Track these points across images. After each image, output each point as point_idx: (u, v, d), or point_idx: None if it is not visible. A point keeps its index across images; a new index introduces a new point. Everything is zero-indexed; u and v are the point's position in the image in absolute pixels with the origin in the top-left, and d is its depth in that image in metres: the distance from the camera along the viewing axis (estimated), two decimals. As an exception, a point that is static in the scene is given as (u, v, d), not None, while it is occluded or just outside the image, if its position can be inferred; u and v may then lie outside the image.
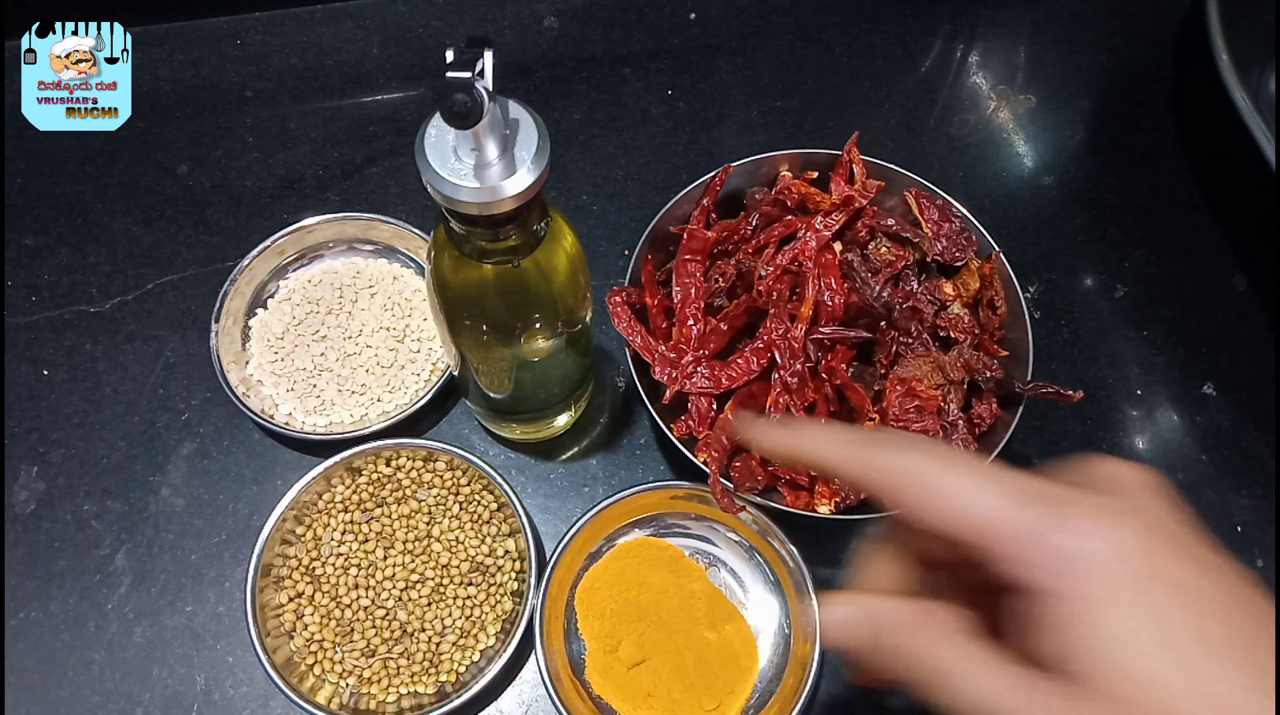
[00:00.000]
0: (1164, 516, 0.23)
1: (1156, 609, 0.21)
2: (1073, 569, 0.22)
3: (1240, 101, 0.49)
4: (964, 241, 0.48)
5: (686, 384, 0.44)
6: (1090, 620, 0.21)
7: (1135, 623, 0.21)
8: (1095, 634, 0.21)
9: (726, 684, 0.43)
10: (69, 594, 0.46)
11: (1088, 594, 0.21)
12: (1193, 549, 0.22)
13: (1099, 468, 0.24)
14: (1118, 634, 0.21)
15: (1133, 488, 0.24)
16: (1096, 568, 0.21)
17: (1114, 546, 0.22)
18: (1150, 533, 0.22)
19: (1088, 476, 0.24)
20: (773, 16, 0.64)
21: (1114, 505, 0.23)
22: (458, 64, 0.26)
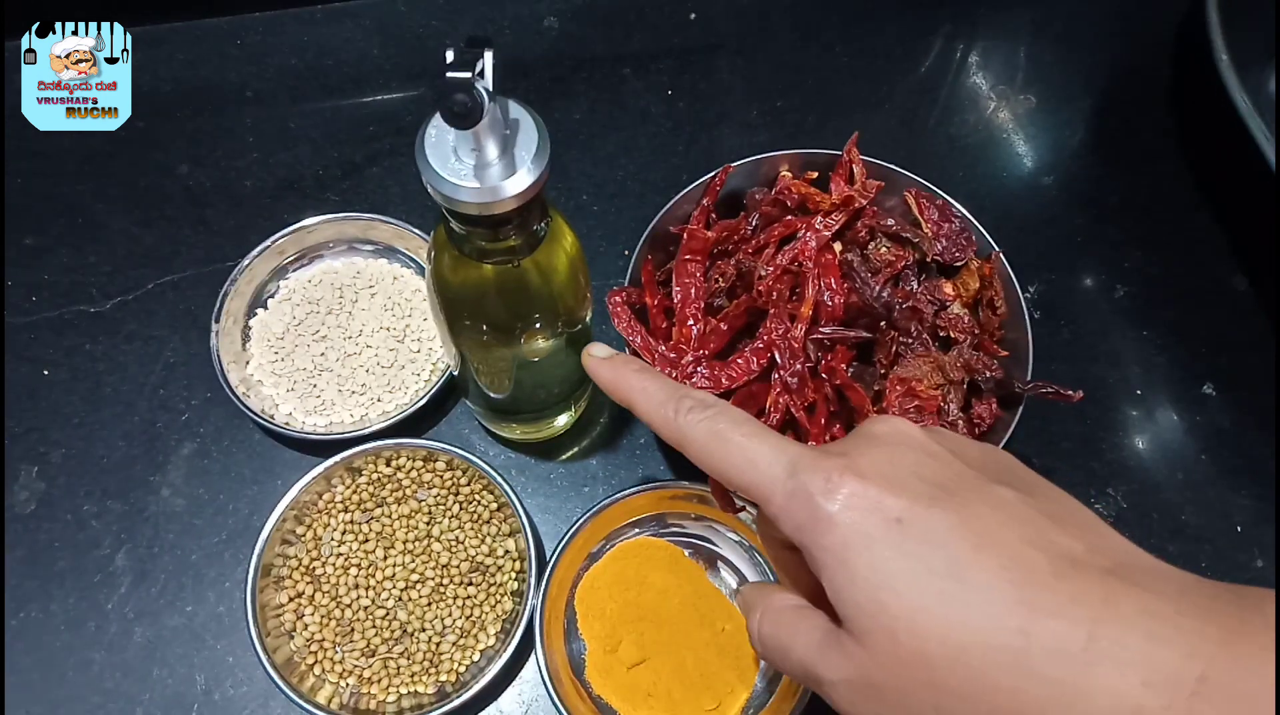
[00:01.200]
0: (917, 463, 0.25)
1: (899, 548, 0.23)
2: (830, 525, 0.24)
3: (1240, 101, 0.49)
4: (964, 241, 0.48)
5: (687, 384, 0.44)
6: (846, 567, 0.24)
7: (879, 565, 0.24)
8: (852, 578, 0.24)
9: (726, 684, 0.43)
10: (69, 594, 0.46)
11: (842, 543, 0.24)
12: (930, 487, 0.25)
13: (866, 427, 0.27)
14: (868, 575, 0.24)
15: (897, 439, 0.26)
16: (848, 521, 0.24)
17: (857, 506, 0.24)
18: (896, 481, 0.24)
19: (858, 436, 0.27)
20: (773, 16, 0.64)
21: (867, 463, 0.25)
22: (458, 64, 0.26)
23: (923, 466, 0.25)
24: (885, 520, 0.24)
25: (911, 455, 0.26)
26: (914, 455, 0.26)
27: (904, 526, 0.24)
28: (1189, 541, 0.48)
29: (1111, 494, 0.49)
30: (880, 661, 0.24)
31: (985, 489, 0.25)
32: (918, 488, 0.24)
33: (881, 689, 0.24)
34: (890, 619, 0.23)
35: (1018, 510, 0.24)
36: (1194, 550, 0.48)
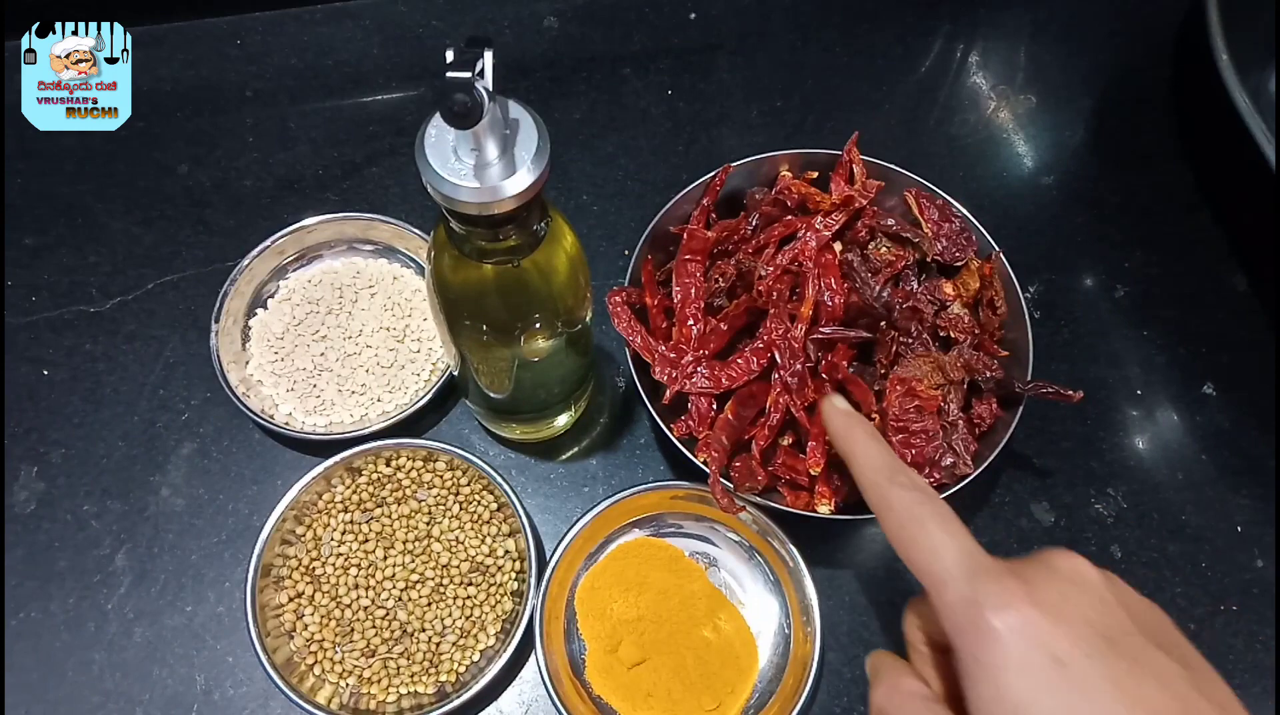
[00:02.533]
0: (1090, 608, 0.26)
1: (1054, 688, 0.24)
2: (993, 642, 0.25)
3: (1240, 101, 0.49)
4: (964, 241, 0.48)
5: (686, 384, 0.44)
6: (996, 687, 0.25)
7: (1032, 695, 0.24)
8: (999, 699, 0.25)
9: (726, 684, 0.43)
10: (69, 594, 0.46)
11: (999, 664, 0.25)
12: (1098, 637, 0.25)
13: (1055, 559, 0.28)
14: (1016, 703, 0.25)
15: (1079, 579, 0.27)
16: (1011, 645, 0.25)
17: (1025, 634, 0.25)
18: (1067, 620, 0.25)
19: (1045, 565, 0.28)
20: (773, 16, 0.64)
21: (1044, 594, 0.26)
22: (458, 64, 0.26)
23: (1094, 614, 0.26)
24: (1047, 656, 0.25)
25: (1086, 600, 0.26)
26: (1089, 600, 0.26)
27: (1064, 669, 0.24)
28: (1189, 541, 0.48)
29: (1111, 494, 0.49)
30: None
31: (1148, 653, 0.25)
32: (1086, 634, 0.25)
33: None
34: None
35: (1174, 683, 0.25)
36: (1194, 550, 0.48)
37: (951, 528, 0.29)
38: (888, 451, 0.32)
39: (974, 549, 0.28)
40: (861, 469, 0.32)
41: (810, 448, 0.42)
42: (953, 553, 0.28)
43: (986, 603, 0.26)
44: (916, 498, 0.30)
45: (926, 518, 0.29)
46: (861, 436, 0.33)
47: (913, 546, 0.29)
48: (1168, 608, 0.27)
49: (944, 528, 0.29)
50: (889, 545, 0.49)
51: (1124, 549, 0.48)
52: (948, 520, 0.29)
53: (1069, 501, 0.49)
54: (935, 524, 0.29)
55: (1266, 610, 0.47)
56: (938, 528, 0.29)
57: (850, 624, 0.46)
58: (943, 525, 0.29)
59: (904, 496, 0.30)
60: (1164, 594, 0.47)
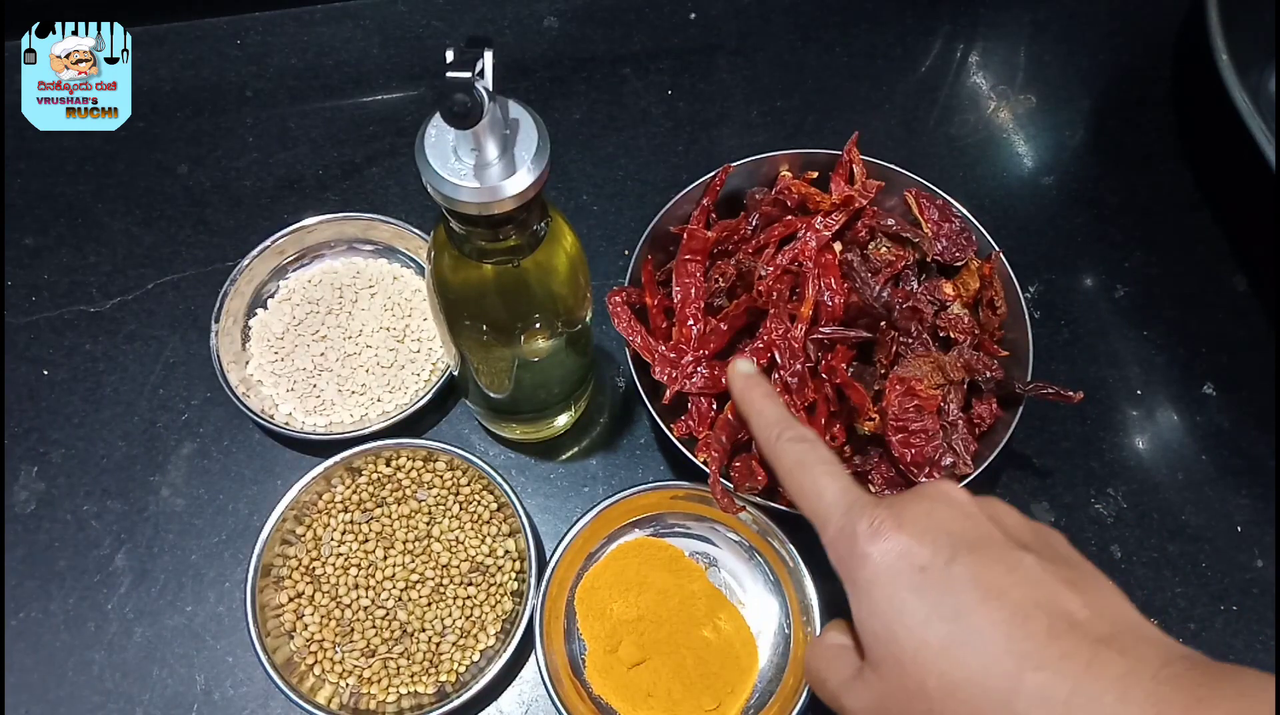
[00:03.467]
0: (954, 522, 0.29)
1: (917, 591, 0.27)
2: (863, 562, 0.28)
3: (1240, 101, 0.49)
4: (964, 241, 0.48)
5: (686, 384, 0.44)
6: (870, 600, 0.28)
7: (898, 604, 0.27)
8: (873, 611, 0.28)
9: (726, 684, 0.43)
10: (69, 594, 0.46)
11: (871, 579, 0.28)
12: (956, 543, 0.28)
13: (924, 487, 0.31)
14: (886, 609, 0.27)
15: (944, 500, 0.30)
16: (879, 562, 0.28)
17: (890, 551, 0.28)
18: (931, 535, 0.28)
19: (913, 493, 0.30)
20: (773, 16, 0.64)
21: (909, 516, 0.29)
22: (458, 64, 0.26)
23: (955, 524, 0.29)
24: (911, 566, 0.27)
25: (949, 513, 0.29)
26: (951, 514, 0.29)
27: (925, 573, 0.27)
28: (1189, 541, 0.48)
29: (1111, 494, 0.49)
30: (890, 689, 0.27)
31: (1007, 551, 0.28)
32: (945, 543, 0.28)
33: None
34: (899, 650, 0.27)
35: (1032, 572, 0.27)
36: (1194, 550, 0.48)
37: (833, 471, 0.32)
38: (781, 409, 0.35)
39: (850, 487, 0.31)
40: (756, 426, 0.35)
41: (810, 448, 0.42)
42: (832, 493, 0.31)
43: (859, 532, 0.29)
44: (803, 448, 0.33)
45: (811, 464, 0.32)
46: (758, 396, 0.36)
47: (799, 492, 0.32)
48: (1168, 608, 0.27)
49: (826, 471, 0.32)
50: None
51: (1124, 549, 0.48)
52: (830, 465, 0.32)
53: (1069, 501, 0.49)
54: (820, 469, 0.32)
55: (1266, 610, 0.47)
56: (821, 473, 0.32)
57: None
58: (825, 470, 0.32)
59: (791, 447, 0.33)
60: (1164, 594, 0.47)
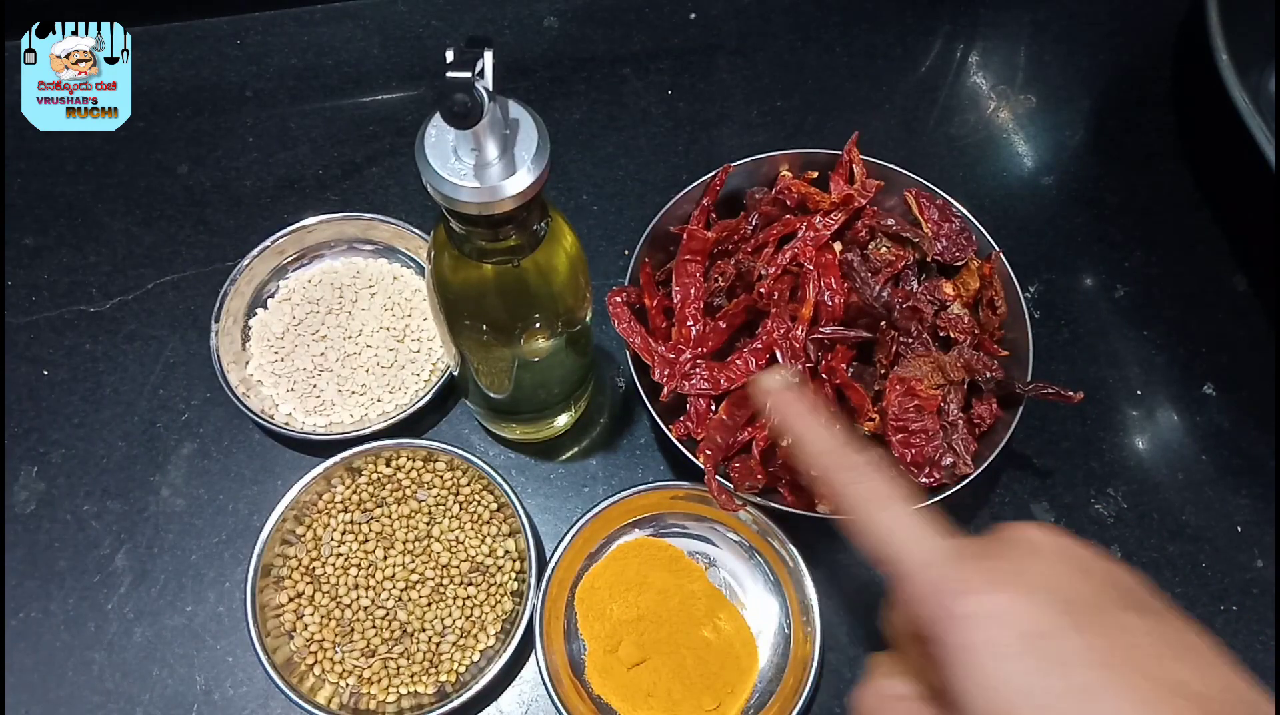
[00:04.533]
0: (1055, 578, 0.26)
1: (1034, 665, 0.24)
2: (965, 627, 0.25)
3: (1240, 101, 0.49)
4: (964, 241, 0.48)
5: (685, 384, 0.44)
6: (976, 673, 0.24)
7: (1015, 679, 0.24)
8: (981, 686, 0.24)
9: (726, 684, 0.43)
10: (69, 594, 0.46)
11: (975, 648, 0.25)
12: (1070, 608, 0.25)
13: (1013, 532, 0.27)
14: (999, 687, 0.24)
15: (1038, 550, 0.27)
16: (984, 628, 0.25)
17: (993, 616, 0.25)
18: (1034, 595, 0.25)
19: (1004, 541, 0.27)
20: (773, 16, 0.64)
21: (1003, 572, 0.26)
22: (458, 64, 0.26)
23: (1051, 582, 0.26)
24: (1022, 635, 0.24)
25: (1045, 570, 0.26)
26: (1048, 570, 0.26)
27: (1041, 644, 0.24)
28: (1189, 541, 0.48)
29: (1111, 494, 0.49)
30: None
31: (1110, 616, 0.25)
32: (1046, 605, 0.25)
33: None
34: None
35: (1141, 641, 0.25)
36: (1194, 550, 0.48)
37: (904, 516, 0.28)
38: (826, 432, 0.31)
39: (929, 534, 0.28)
40: (810, 452, 0.31)
41: (810, 448, 0.42)
42: (914, 539, 0.28)
43: (950, 589, 0.26)
44: (876, 480, 0.29)
45: (887, 501, 0.29)
46: (794, 417, 0.32)
47: (874, 531, 0.29)
48: (1168, 608, 0.27)
49: (896, 517, 0.28)
50: (889, 545, 0.49)
51: (1124, 549, 0.48)
52: (899, 507, 0.29)
53: (1069, 501, 0.49)
54: (895, 508, 0.29)
55: (1266, 610, 0.47)
56: (898, 512, 0.28)
57: (850, 624, 0.46)
58: (892, 511, 0.29)
59: (860, 479, 0.30)
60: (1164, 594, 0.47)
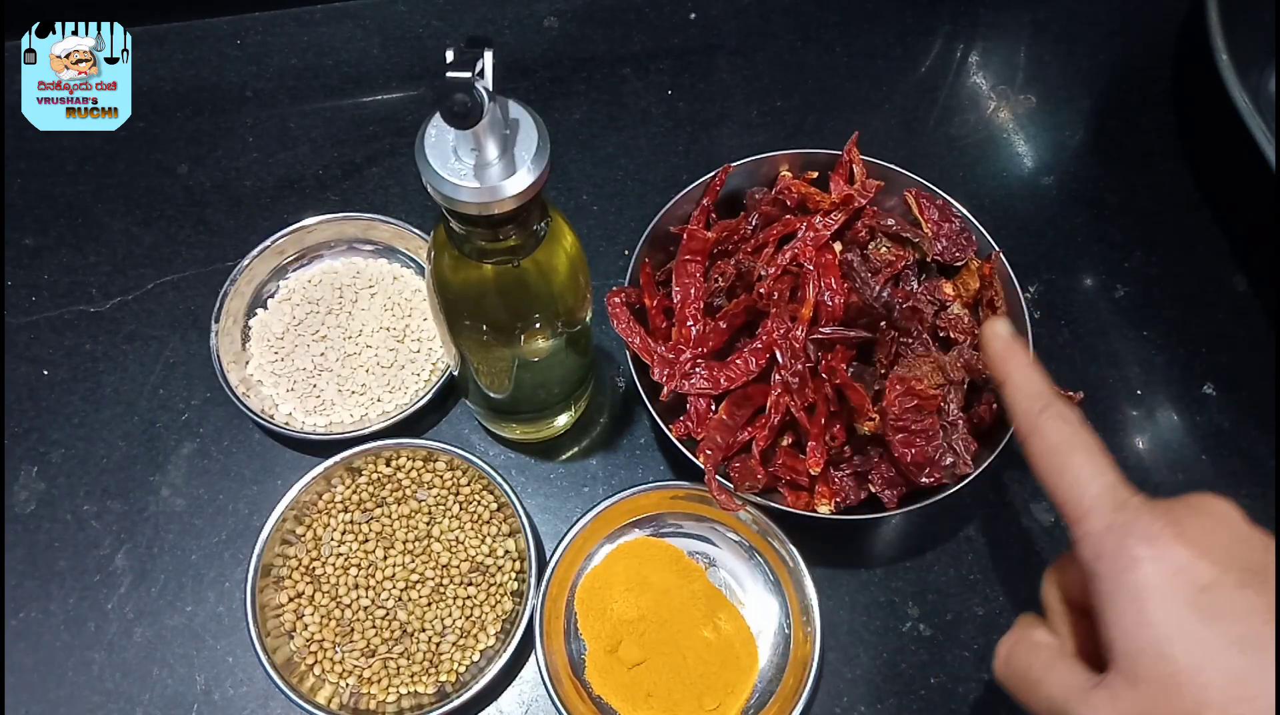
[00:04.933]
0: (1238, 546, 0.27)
1: (1200, 612, 0.25)
2: (1136, 567, 0.26)
3: (1240, 101, 0.49)
4: (964, 241, 0.48)
5: (685, 384, 0.44)
6: (1140, 611, 0.26)
7: (1176, 620, 0.25)
8: (1142, 622, 0.25)
9: (726, 684, 0.43)
10: (69, 594, 0.46)
11: (1143, 587, 0.26)
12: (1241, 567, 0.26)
13: (1203, 501, 0.28)
14: (1161, 624, 0.25)
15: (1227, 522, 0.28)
16: (1155, 571, 0.26)
17: (1169, 563, 0.26)
18: (1215, 555, 0.26)
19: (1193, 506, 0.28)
20: (773, 16, 0.64)
21: (1187, 528, 0.26)
22: (458, 64, 0.26)
23: (1238, 546, 0.27)
24: (1192, 584, 0.25)
25: (1230, 534, 0.27)
26: (1232, 535, 0.27)
27: (1209, 594, 0.25)
28: (1189, 541, 0.48)
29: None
30: (1150, 709, 0.25)
31: None
32: (1228, 565, 0.26)
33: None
34: (1174, 669, 0.25)
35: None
36: (1194, 550, 0.48)
37: (1098, 461, 0.29)
38: (1041, 381, 0.32)
39: (1119, 482, 0.29)
40: (1015, 395, 0.32)
41: (810, 448, 0.42)
42: (1098, 485, 0.28)
43: (1131, 532, 0.26)
44: (1067, 429, 0.30)
45: (1076, 448, 0.29)
46: (1019, 363, 0.33)
47: (1059, 475, 0.29)
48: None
49: (1091, 460, 0.29)
50: (889, 545, 0.50)
51: (1124, 549, 0.48)
52: (1094, 453, 0.29)
53: (1069, 501, 0.49)
54: (1083, 455, 0.29)
55: (1266, 610, 0.47)
56: (1087, 460, 0.29)
57: (850, 624, 0.46)
58: (1090, 458, 0.29)
59: (1054, 426, 0.30)
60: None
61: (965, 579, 0.47)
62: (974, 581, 0.47)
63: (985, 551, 0.48)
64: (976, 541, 0.48)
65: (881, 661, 0.45)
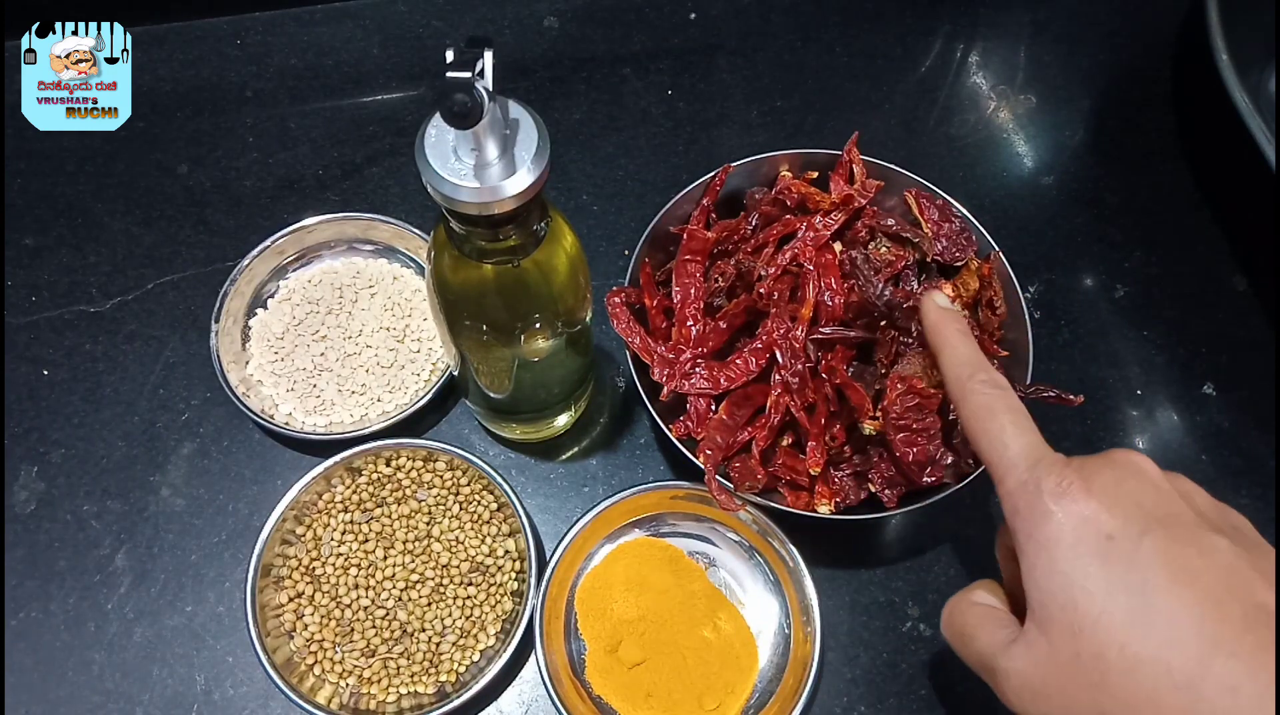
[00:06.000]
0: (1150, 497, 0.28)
1: (1102, 559, 0.26)
2: (1045, 519, 0.28)
3: (1240, 101, 0.49)
4: (964, 241, 0.48)
5: (685, 384, 0.44)
6: (1049, 559, 0.27)
7: (1081, 569, 0.26)
8: (1051, 571, 0.27)
9: (726, 684, 0.43)
10: (69, 594, 0.46)
11: (1052, 538, 0.27)
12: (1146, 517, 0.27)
13: (1121, 455, 0.30)
14: (1067, 571, 0.27)
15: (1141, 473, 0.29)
16: (1063, 522, 0.27)
17: (1077, 514, 0.27)
18: (1124, 506, 0.27)
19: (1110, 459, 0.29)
20: (773, 16, 0.64)
21: (1099, 482, 0.28)
22: (458, 64, 0.26)
23: (1146, 497, 0.28)
24: (1097, 533, 0.27)
25: (1139, 485, 0.28)
26: (1142, 486, 0.28)
27: (1112, 542, 0.26)
28: (1189, 541, 0.48)
29: (1111, 494, 0.49)
30: (1058, 655, 0.26)
31: (1199, 533, 0.27)
32: (1134, 514, 0.27)
33: (1052, 683, 0.26)
34: (1077, 616, 0.26)
35: (1225, 557, 0.26)
36: (1194, 550, 0.48)
37: (1021, 423, 0.31)
38: (974, 349, 0.34)
39: (1038, 442, 0.30)
40: (948, 362, 0.34)
41: (810, 448, 0.42)
42: (1018, 445, 0.30)
43: (1044, 488, 0.28)
44: (994, 394, 0.32)
45: (1000, 412, 0.31)
46: (952, 332, 0.34)
47: (983, 436, 0.31)
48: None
49: (1014, 422, 0.31)
50: (889, 545, 0.50)
51: (1124, 549, 0.48)
52: (1018, 416, 0.31)
53: (1069, 501, 0.49)
54: (1007, 418, 0.31)
55: (1266, 610, 0.47)
56: (1009, 422, 0.31)
57: (850, 624, 0.46)
58: (1013, 420, 0.31)
59: (981, 391, 0.32)
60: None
61: (965, 579, 0.47)
62: (974, 581, 0.47)
63: (985, 551, 0.48)
64: (976, 541, 0.48)
65: (881, 661, 0.45)
